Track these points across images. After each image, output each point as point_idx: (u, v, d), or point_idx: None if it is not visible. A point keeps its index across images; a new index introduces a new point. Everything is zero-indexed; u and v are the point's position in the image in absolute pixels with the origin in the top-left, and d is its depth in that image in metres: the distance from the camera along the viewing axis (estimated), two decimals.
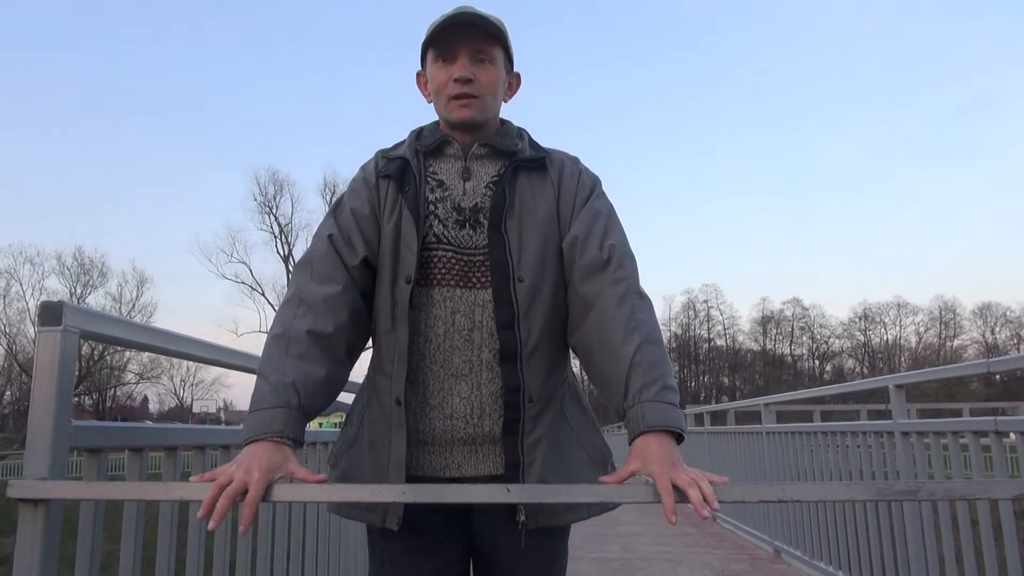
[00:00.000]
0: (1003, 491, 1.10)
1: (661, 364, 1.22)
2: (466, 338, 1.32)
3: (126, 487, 1.17)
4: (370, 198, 1.37)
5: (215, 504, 1.06)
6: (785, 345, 70.03)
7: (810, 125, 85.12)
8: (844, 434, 3.92)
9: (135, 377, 45.31)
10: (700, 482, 1.07)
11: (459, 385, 1.32)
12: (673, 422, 1.16)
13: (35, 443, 1.16)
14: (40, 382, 1.18)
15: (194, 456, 1.73)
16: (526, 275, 1.32)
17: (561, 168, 1.42)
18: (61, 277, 42.09)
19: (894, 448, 3.27)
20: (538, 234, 1.35)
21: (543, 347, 1.34)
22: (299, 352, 1.22)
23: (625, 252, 1.34)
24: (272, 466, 1.11)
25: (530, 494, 1.13)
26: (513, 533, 1.30)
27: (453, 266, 1.33)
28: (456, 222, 1.35)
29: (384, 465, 1.31)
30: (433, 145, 1.39)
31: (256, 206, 43.33)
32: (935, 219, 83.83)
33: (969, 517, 2.70)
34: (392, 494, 1.11)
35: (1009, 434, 2.56)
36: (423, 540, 1.33)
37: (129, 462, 1.49)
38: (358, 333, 1.33)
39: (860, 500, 1.13)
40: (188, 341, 1.63)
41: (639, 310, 1.27)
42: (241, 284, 43.31)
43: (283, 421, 1.15)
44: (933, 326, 65.94)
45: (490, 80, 1.37)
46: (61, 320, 1.18)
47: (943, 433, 2.97)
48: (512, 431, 1.31)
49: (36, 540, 1.13)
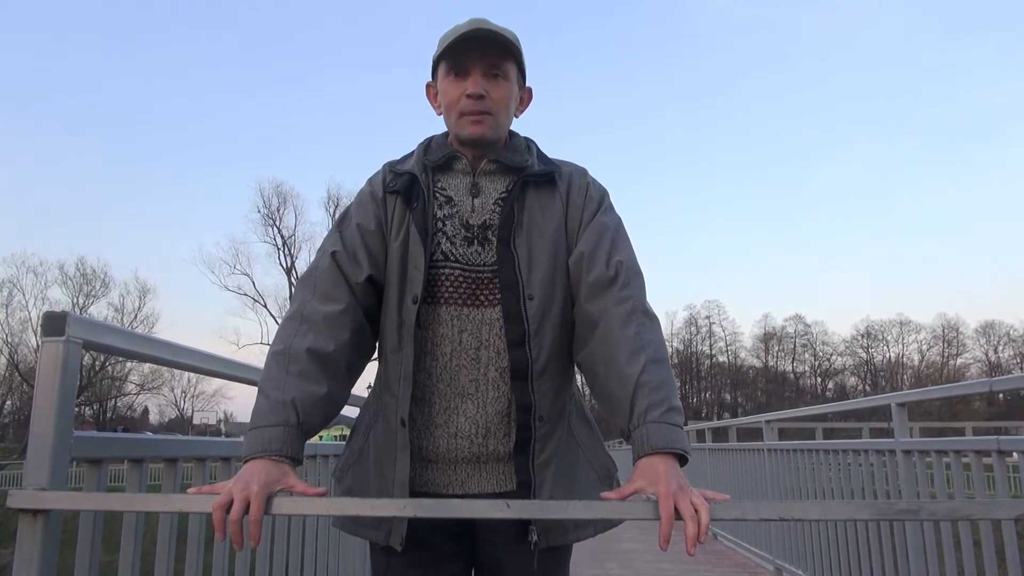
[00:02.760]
0: (1005, 511, 1.09)
1: (666, 384, 1.21)
2: (473, 357, 1.32)
3: (127, 498, 1.17)
4: (377, 213, 1.36)
5: (224, 527, 1.07)
6: (787, 362, 69.84)
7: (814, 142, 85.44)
8: (846, 452, 3.90)
9: (136, 388, 45.25)
10: (700, 512, 1.06)
11: (465, 404, 1.31)
12: (678, 444, 1.16)
13: (36, 453, 1.16)
14: (42, 392, 1.18)
15: (194, 468, 1.73)
16: (536, 292, 1.31)
17: (569, 181, 1.41)
18: (64, 287, 42.19)
19: (896, 466, 3.25)
20: (547, 250, 1.34)
21: (552, 365, 1.33)
22: (299, 370, 1.21)
23: (632, 269, 1.33)
24: (271, 479, 1.11)
25: (529, 510, 1.13)
26: (516, 551, 1.30)
27: (460, 284, 1.33)
28: (464, 239, 1.34)
29: (389, 483, 1.31)
30: (441, 161, 1.38)
31: (260, 218, 43.36)
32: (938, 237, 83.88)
33: (971, 537, 2.68)
34: (392, 508, 1.11)
35: (1012, 453, 2.55)
36: (425, 556, 1.32)
37: (129, 473, 1.49)
38: (360, 351, 1.32)
39: (861, 519, 1.13)
40: (190, 352, 1.63)
41: (645, 329, 1.26)
42: (243, 296, 43.13)
43: (282, 439, 1.16)
44: (936, 344, 65.69)
45: (503, 96, 1.36)
46: (64, 331, 1.19)
47: (945, 452, 2.95)
48: (523, 451, 1.30)
49: (35, 551, 1.13)
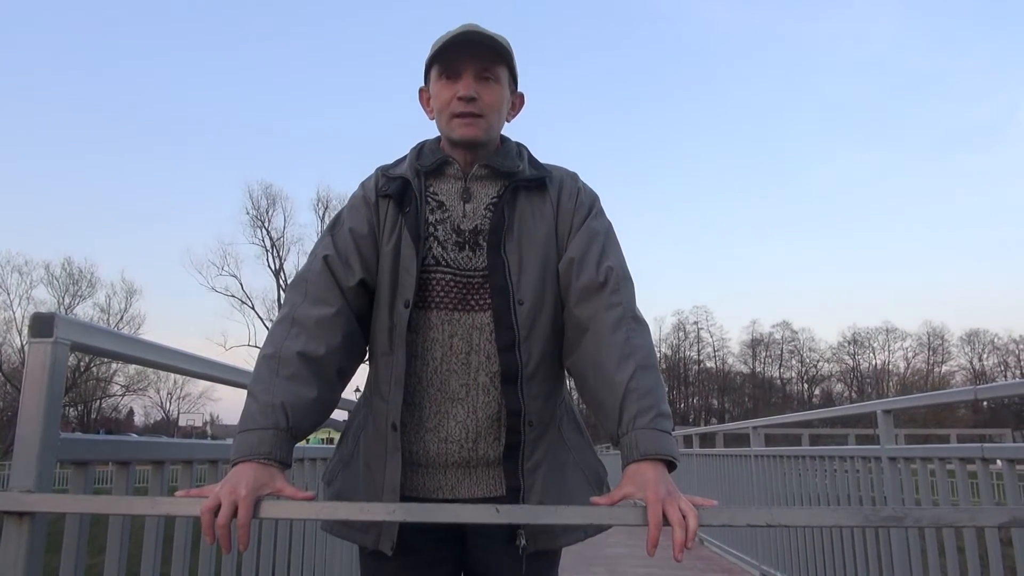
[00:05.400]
0: (990, 519, 1.10)
1: (655, 390, 1.22)
2: (463, 361, 1.32)
3: (113, 501, 1.16)
4: (369, 217, 1.36)
5: (213, 530, 1.07)
6: (774, 368, 70.25)
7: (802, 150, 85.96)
8: (832, 458, 3.92)
9: (121, 389, 44.81)
10: (688, 518, 1.07)
11: (455, 408, 1.31)
12: (667, 450, 1.16)
13: (22, 455, 1.15)
14: (29, 394, 1.17)
15: (182, 470, 1.72)
16: (526, 297, 1.31)
17: (560, 186, 1.41)
18: (49, 287, 41.54)
19: (881, 473, 3.27)
20: (538, 255, 1.34)
21: (543, 370, 1.33)
22: (289, 373, 1.21)
23: (622, 274, 1.33)
24: (259, 483, 1.11)
25: (518, 515, 1.13)
26: (507, 556, 1.30)
27: (451, 289, 1.33)
28: (456, 244, 1.34)
29: (379, 487, 1.30)
30: (433, 166, 1.38)
31: (248, 219, 42.80)
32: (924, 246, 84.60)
33: (955, 544, 2.70)
34: (381, 513, 1.11)
35: (996, 461, 2.57)
36: (415, 561, 1.32)
37: (116, 475, 1.48)
38: (351, 355, 1.32)
39: (847, 526, 1.13)
40: (178, 354, 1.62)
41: (635, 335, 1.27)
42: (231, 297, 42.71)
43: (271, 443, 1.15)
44: (921, 352, 66.34)
45: (494, 99, 1.36)
46: (52, 332, 1.18)
47: (930, 459, 2.97)
48: (512, 455, 1.31)
49: (20, 554, 1.12)
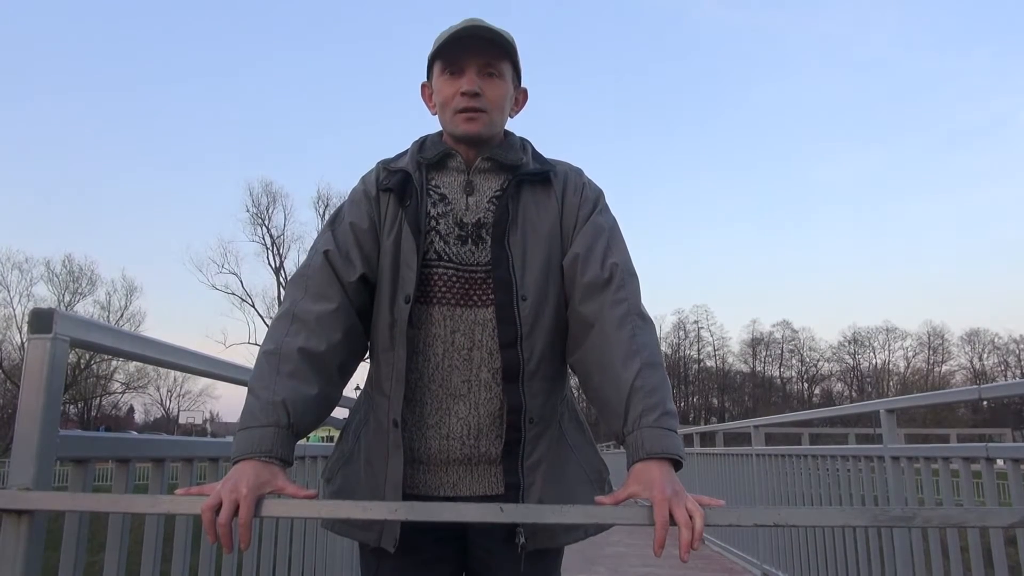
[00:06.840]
0: (999, 519, 1.09)
1: (661, 389, 1.21)
2: (465, 357, 1.30)
3: (113, 499, 1.15)
4: (370, 212, 1.35)
5: (214, 529, 1.05)
6: (774, 367, 70.21)
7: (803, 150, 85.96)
8: (834, 458, 3.91)
9: (121, 387, 44.80)
10: (695, 518, 1.06)
11: (457, 405, 1.30)
12: (673, 449, 1.15)
13: (20, 452, 1.14)
14: (28, 390, 1.16)
15: (181, 468, 1.71)
16: (529, 293, 1.30)
17: (565, 181, 1.40)
18: (49, 284, 41.55)
19: (884, 472, 3.26)
20: (542, 250, 1.33)
21: (544, 367, 1.32)
22: (290, 370, 1.19)
23: (627, 271, 1.32)
24: (260, 481, 1.09)
25: (523, 514, 1.11)
26: (508, 554, 1.28)
27: (453, 284, 1.31)
28: (458, 238, 1.32)
29: (380, 484, 1.29)
30: (436, 158, 1.37)
31: (248, 217, 42.82)
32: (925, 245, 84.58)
33: (958, 543, 2.69)
34: (384, 511, 1.10)
35: (998, 461, 2.56)
36: (416, 559, 1.31)
37: (116, 473, 1.47)
38: (352, 351, 1.30)
39: (856, 526, 1.12)
40: (178, 351, 1.61)
41: (640, 332, 1.26)
42: (231, 295, 42.65)
43: (272, 440, 1.14)
44: (922, 351, 66.35)
45: (498, 95, 1.35)
46: (52, 328, 1.17)
47: (933, 459, 2.96)
48: (512, 452, 1.29)
49: (19, 552, 1.11)
